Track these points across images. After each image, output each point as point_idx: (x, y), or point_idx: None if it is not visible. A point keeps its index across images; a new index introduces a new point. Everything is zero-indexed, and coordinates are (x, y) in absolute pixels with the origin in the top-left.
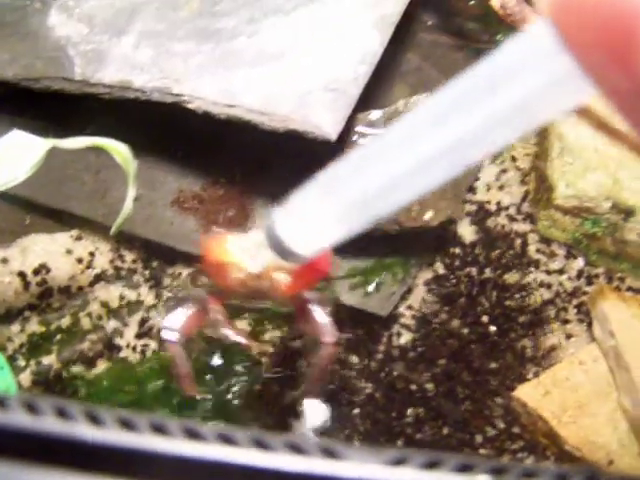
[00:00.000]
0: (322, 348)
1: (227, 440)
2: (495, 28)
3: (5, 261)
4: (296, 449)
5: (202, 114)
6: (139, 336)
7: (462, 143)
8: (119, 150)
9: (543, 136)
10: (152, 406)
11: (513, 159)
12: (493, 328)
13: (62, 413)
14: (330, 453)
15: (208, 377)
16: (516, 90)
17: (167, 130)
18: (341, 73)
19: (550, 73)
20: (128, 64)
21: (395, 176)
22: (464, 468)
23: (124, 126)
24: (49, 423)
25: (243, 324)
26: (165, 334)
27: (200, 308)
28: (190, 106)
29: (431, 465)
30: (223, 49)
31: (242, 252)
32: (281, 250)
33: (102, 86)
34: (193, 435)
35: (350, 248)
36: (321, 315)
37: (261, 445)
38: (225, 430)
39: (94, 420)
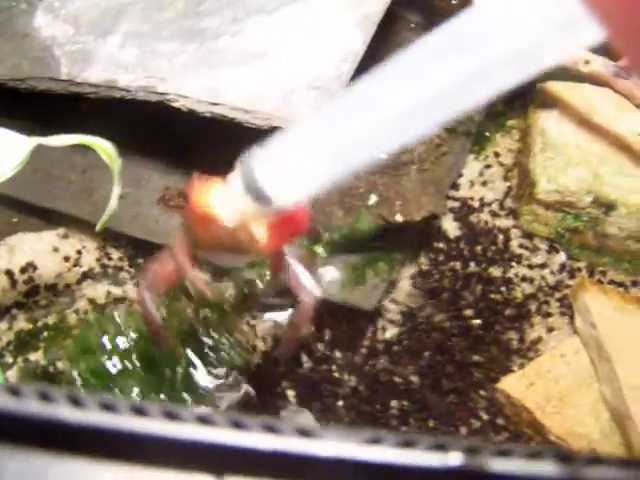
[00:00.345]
0: (300, 306)
1: (206, 421)
2: None
3: None
4: (272, 429)
5: (187, 112)
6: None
7: (458, 86)
8: (104, 148)
9: (526, 132)
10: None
11: (496, 155)
12: (477, 321)
13: (45, 397)
14: (306, 433)
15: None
16: (521, 34)
17: (152, 129)
18: (324, 71)
19: (556, 16)
20: (114, 64)
21: (379, 121)
22: (438, 447)
23: (110, 125)
24: (33, 406)
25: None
26: (136, 292)
27: (172, 264)
28: (175, 104)
29: (406, 444)
30: (207, 48)
31: (222, 202)
32: (259, 198)
33: (88, 85)
34: (172, 417)
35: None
36: (301, 272)
37: (239, 425)
38: (204, 413)
39: (76, 403)
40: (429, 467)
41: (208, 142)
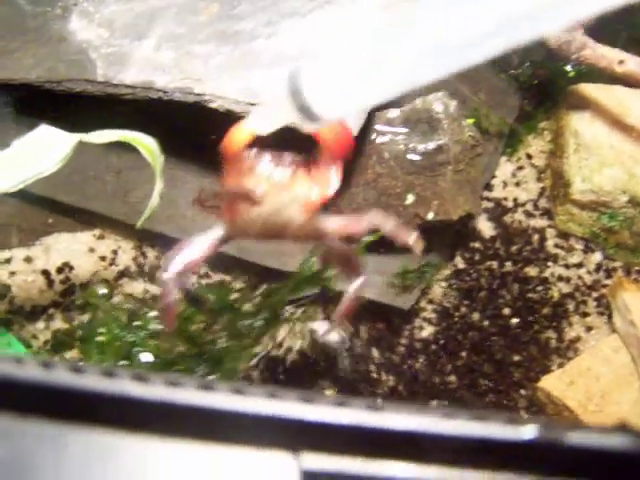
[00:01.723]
0: (353, 282)
1: (276, 397)
2: None
3: (29, 260)
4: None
5: (222, 113)
6: None
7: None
8: (146, 144)
9: (558, 133)
10: None
11: (529, 156)
12: (515, 320)
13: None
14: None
15: None
16: None
17: (186, 131)
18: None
19: None
20: (150, 66)
21: (434, 40)
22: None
23: (144, 128)
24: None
25: None
26: (160, 275)
27: (200, 250)
28: (212, 105)
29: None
30: (242, 50)
31: (260, 118)
32: (306, 112)
33: (125, 87)
34: (240, 392)
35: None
36: (348, 249)
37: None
38: (273, 389)
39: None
40: (505, 439)
41: None
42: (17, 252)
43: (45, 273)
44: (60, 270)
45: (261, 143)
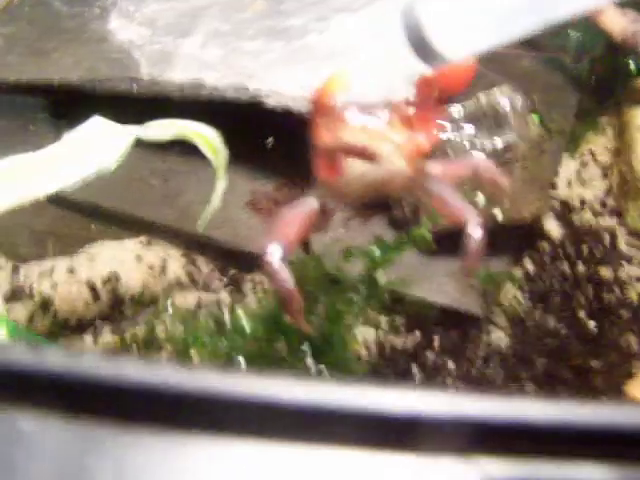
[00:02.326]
0: (468, 236)
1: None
2: (560, 28)
3: (72, 270)
4: None
5: (278, 112)
6: None
7: None
8: (207, 137)
9: (621, 129)
10: None
11: (592, 154)
12: (592, 324)
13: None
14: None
15: None
16: None
17: (234, 132)
18: (418, 65)
19: None
20: (197, 63)
21: None
22: None
23: None
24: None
25: None
26: (265, 257)
27: (303, 214)
28: (269, 102)
29: None
30: (294, 47)
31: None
32: (422, 47)
33: (172, 85)
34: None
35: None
36: (455, 198)
37: None
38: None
39: None
40: None
41: (293, 144)
42: (59, 262)
43: (90, 284)
44: (106, 281)
45: None
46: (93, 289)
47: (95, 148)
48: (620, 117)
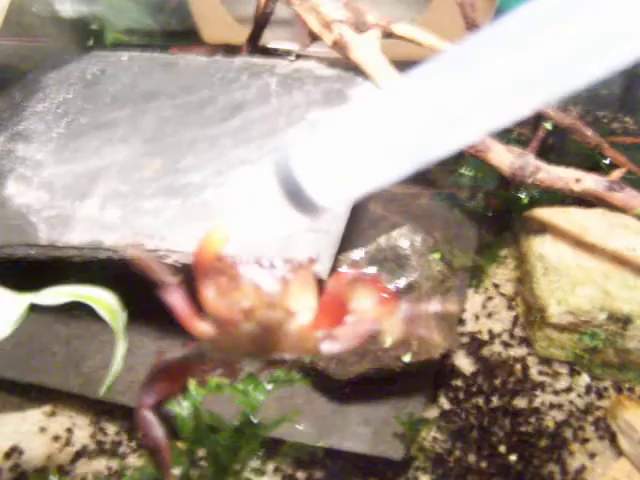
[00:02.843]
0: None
1: None
2: (453, 167)
3: None
4: None
5: (180, 268)
6: None
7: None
8: (104, 301)
9: (522, 260)
10: None
11: (495, 286)
12: (513, 457)
13: None
14: None
15: None
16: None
17: (138, 290)
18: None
19: None
20: (96, 225)
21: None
22: None
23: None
24: None
25: None
26: (137, 409)
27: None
28: (168, 261)
29: None
30: (193, 202)
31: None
32: (297, 196)
33: (71, 249)
34: None
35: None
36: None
37: None
38: None
39: None
40: None
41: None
42: None
43: None
44: (8, 455)
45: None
46: None
47: None
48: (519, 247)
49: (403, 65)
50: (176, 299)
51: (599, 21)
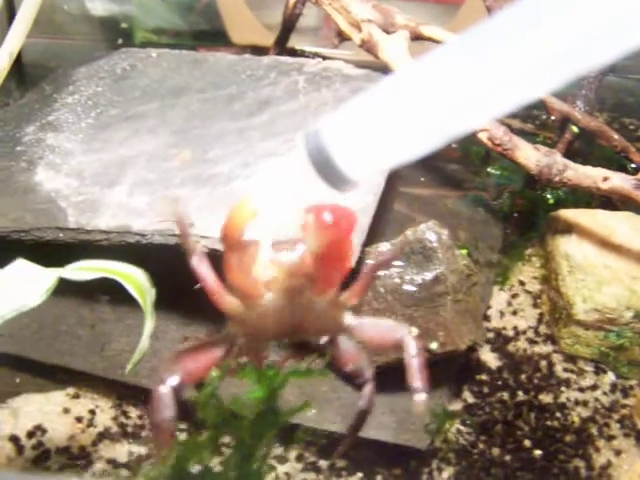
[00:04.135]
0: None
1: None
2: (477, 168)
3: None
4: None
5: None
6: None
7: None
8: (133, 277)
9: (548, 258)
10: None
11: (521, 283)
12: (539, 452)
13: None
14: None
15: None
16: None
17: (164, 277)
18: (350, 204)
19: None
20: (124, 210)
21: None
22: None
23: None
24: None
25: None
26: (159, 387)
27: (211, 352)
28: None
29: None
30: (221, 192)
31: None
32: (327, 169)
33: (99, 232)
34: None
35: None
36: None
37: None
38: None
39: None
40: None
41: None
42: None
43: (14, 439)
44: (31, 434)
45: None
46: (17, 444)
47: (16, 289)
48: (544, 247)
49: None
50: (205, 270)
51: (612, 5)
